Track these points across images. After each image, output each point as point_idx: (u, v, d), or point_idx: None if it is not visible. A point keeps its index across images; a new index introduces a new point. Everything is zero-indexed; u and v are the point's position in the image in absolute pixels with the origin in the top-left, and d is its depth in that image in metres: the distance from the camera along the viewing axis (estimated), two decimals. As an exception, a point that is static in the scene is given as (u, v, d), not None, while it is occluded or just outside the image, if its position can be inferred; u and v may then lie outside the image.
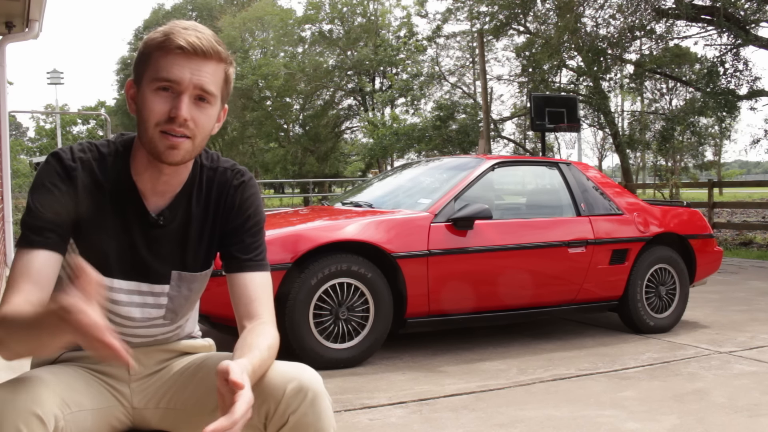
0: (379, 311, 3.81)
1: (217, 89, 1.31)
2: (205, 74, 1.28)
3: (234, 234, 1.43)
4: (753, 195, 31.19)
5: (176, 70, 1.26)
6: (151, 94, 1.27)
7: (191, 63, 1.27)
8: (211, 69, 1.29)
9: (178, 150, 1.29)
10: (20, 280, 1.23)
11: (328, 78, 29.61)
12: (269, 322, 1.38)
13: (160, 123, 1.27)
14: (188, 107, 1.27)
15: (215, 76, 1.30)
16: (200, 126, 1.30)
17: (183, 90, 1.27)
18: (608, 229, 4.59)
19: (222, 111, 1.38)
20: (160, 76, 1.26)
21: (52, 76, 31.10)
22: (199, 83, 1.28)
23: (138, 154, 1.36)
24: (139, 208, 1.36)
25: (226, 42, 23.28)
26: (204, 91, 1.28)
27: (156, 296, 1.41)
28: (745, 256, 9.94)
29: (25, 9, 5.61)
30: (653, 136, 15.81)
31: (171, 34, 1.26)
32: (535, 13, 16.54)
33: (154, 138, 1.28)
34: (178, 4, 38.03)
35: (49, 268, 1.26)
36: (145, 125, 1.28)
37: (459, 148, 19.44)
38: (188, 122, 1.27)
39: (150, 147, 1.30)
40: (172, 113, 1.26)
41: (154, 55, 1.28)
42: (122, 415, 1.41)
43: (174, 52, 1.26)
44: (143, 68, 1.30)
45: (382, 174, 5.82)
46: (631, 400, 3.18)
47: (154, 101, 1.27)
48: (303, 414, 1.23)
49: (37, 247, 1.26)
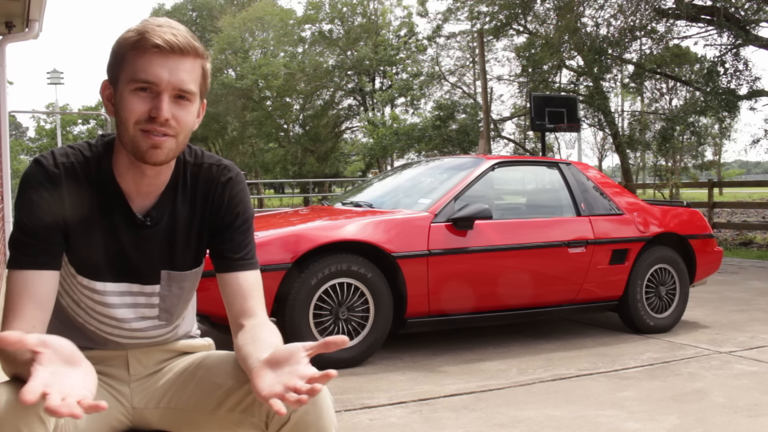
0: (379, 311, 3.81)
1: (195, 86, 1.30)
2: (183, 72, 1.26)
3: (224, 232, 1.42)
4: (753, 195, 31.21)
5: (154, 70, 1.24)
6: (129, 94, 1.25)
7: (169, 61, 1.25)
8: (189, 66, 1.28)
9: (161, 149, 1.27)
10: (20, 302, 1.22)
11: (328, 78, 29.60)
12: (268, 320, 1.39)
13: (140, 122, 1.25)
14: (168, 106, 1.25)
15: (193, 73, 1.29)
16: (182, 123, 1.29)
17: (162, 90, 1.25)
18: (608, 229, 4.59)
19: (201, 106, 1.37)
20: (137, 77, 1.24)
21: (52, 76, 31.09)
22: (178, 83, 1.26)
23: (119, 155, 1.34)
24: (125, 210, 1.35)
25: (226, 42, 23.11)
26: (183, 90, 1.27)
27: (147, 296, 1.41)
28: (745, 256, 9.94)
29: (25, 9, 5.61)
30: (653, 136, 15.80)
31: (146, 32, 1.24)
32: (535, 13, 16.55)
33: (135, 138, 1.26)
34: (178, 4, 37.98)
35: (47, 287, 1.26)
36: (125, 125, 1.26)
37: (459, 148, 19.44)
38: (170, 121, 1.26)
39: (132, 147, 1.27)
40: (153, 113, 1.25)
41: (129, 54, 1.25)
42: (122, 415, 1.41)
43: (150, 51, 1.24)
44: (119, 69, 1.27)
45: (382, 174, 5.81)
46: (631, 400, 3.18)
47: (133, 101, 1.25)
48: (304, 412, 1.23)
49: (32, 267, 1.25)
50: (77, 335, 1.41)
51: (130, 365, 1.44)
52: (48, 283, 1.26)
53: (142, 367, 1.45)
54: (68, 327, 1.40)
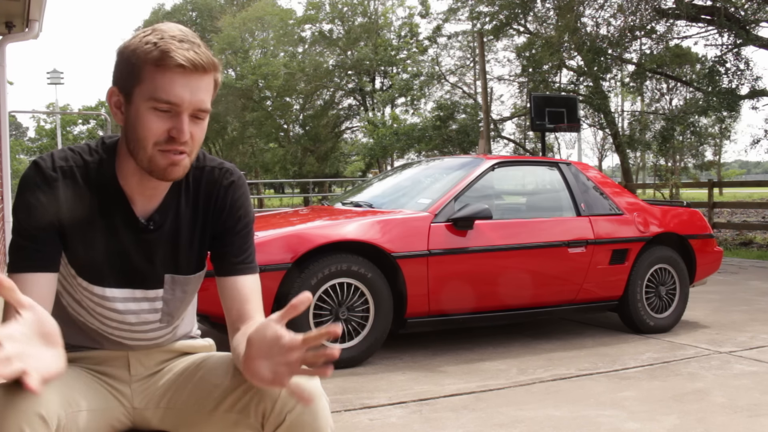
0: (379, 311, 3.81)
1: (210, 101, 1.29)
2: (202, 92, 1.25)
3: (225, 236, 1.42)
4: (753, 195, 31.22)
5: (177, 91, 1.21)
6: (147, 112, 1.23)
7: (191, 81, 1.23)
8: (206, 84, 1.26)
9: (179, 167, 1.27)
10: None
11: (328, 78, 29.59)
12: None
13: (159, 143, 1.24)
14: (188, 126, 1.25)
15: (209, 90, 1.28)
16: (197, 141, 1.29)
17: (183, 111, 1.23)
18: (608, 229, 4.59)
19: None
20: (159, 96, 1.21)
21: (52, 76, 31.10)
22: (198, 103, 1.24)
23: (124, 159, 1.32)
24: (127, 214, 1.34)
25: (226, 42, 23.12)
26: (202, 110, 1.26)
27: (151, 301, 1.40)
28: (745, 256, 9.94)
29: (25, 9, 5.61)
30: (653, 136, 15.79)
31: (168, 50, 1.20)
32: (536, 13, 16.55)
33: (154, 157, 1.25)
34: (178, 5, 37.95)
35: (47, 290, 1.26)
36: (142, 143, 1.25)
37: (459, 148, 19.43)
38: (188, 141, 1.26)
39: (149, 165, 1.26)
40: (173, 133, 1.23)
41: (148, 69, 1.21)
42: (122, 415, 1.41)
43: (173, 71, 1.21)
44: (134, 81, 1.23)
45: (382, 174, 5.81)
46: (631, 400, 3.18)
47: (152, 120, 1.23)
48: (300, 413, 1.24)
49: (32, 270, 1.24)
50: (79, 333, 1.42)
51: (131, 366, 1.44)
52: (46, 285, 1.26)
53: (143, 367, 1.45)
54: (69, 325, 1.40)
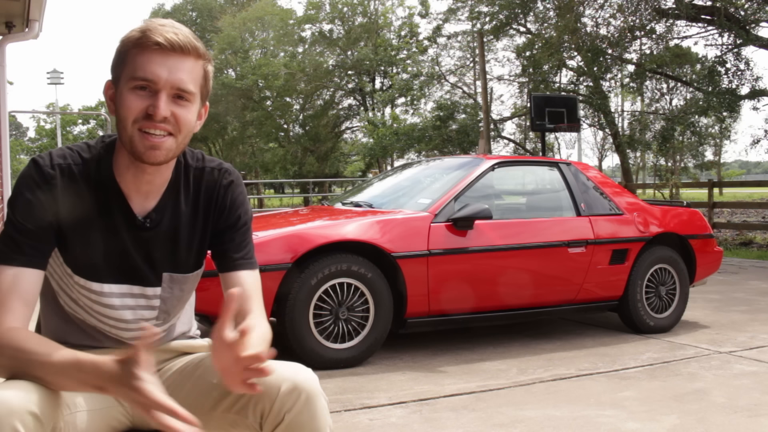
0: (379, 311, 3.81)
1: (195, 87, 1.29)
2: (182, 72, 1.26)
3: (225, 233, 1.44)
4: (753, 195, 31.20)
5: (153, 68, 1.24)
6: (128, 92, 1.25)
7: (169, 60, 1.25)
8: (189, 66, 1.28)
9: (159, 150, 1.27)
10: (9, 297, 1.22)
11: (328, 78, 29.58)
12: (261, 316, 1.39)
13: (137, 120, 1.25)
14: (166, 104, 1.25)
15: (193, 74, 1.29)
16: (181, 122, 1.28)
17: (160, 88, 1.25)
18: (608, 229, 4.59)
19: (203, 108, 1.37)
20: (137, 75, 1.24)
21: (52, 76, 31.12)
22: (177, 82, 1.26)
23: (120, 155, 1.34)
24: (125, 211, 1.35)
25: (226, 42, 23.10)
26: (182, 90, 1.27)
27: (148, 299, 1.41)
28: (745, 256, 9.94)
29: (25, 9, 5.61)
30: (653, 136, 15.80)
31: (148, 30, 1.24)
32: (535, 13, 16.55)
33: (133, 137, 1.26)
34: (178, 4, 37.96)
35: (34, 286, 1.26)
36: (123, 123, 1.26)
37: (459, 148, 19.43)
38: (168, 119, 1.26)
39: (130, 147, 1.28)
40: (150, 110, 1.24)
41: (131, 52, 1.26)
42: (121, 415, 1.41)
43: (151, 49, 1.24)
44: (121, 67, 1.27)
45: (382, 174, 5.81)
46: (631, 400, 3.18)
47: (131, 99, 1.25)
48: (298, 413, 1.24)
49: (21, 264, 1.24)
50: (77, 332, 1.42)
51: (132, 365, 1.44)
52: (35, 281, 1.26)
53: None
54: (68, 324, 1.41)
